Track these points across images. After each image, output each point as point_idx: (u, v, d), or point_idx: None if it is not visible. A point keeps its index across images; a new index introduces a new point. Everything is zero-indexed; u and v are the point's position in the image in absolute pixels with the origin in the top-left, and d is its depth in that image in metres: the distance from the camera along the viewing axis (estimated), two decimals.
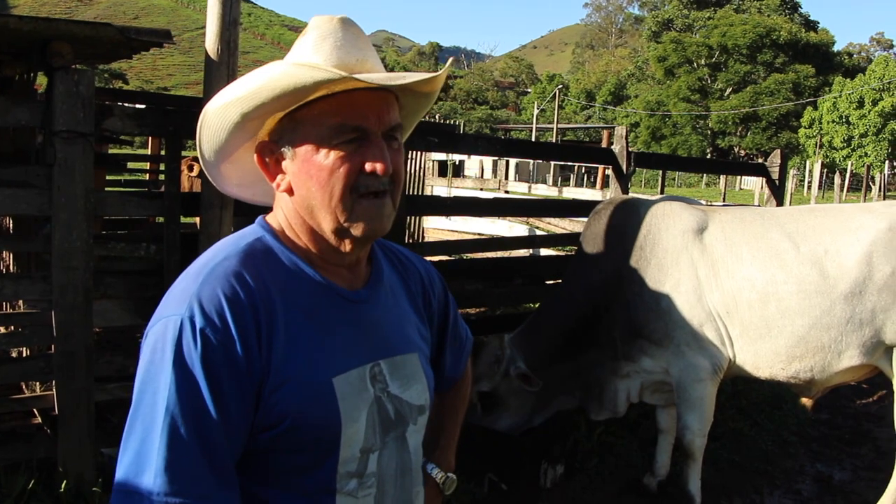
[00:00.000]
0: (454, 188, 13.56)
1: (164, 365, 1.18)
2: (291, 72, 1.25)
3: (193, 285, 1.25)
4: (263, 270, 1.30)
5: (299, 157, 1.32)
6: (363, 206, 1.32)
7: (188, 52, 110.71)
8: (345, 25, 1.34)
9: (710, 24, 64.90)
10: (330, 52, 1.31)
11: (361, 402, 1.34)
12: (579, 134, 66.60)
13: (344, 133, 1.29)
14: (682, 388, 3.95)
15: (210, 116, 1.36)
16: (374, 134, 1.31)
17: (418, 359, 1.50)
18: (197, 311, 1.20)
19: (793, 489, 4.66)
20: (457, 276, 5.34)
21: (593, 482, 4.47)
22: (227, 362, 1.20)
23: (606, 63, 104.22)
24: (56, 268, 3.44)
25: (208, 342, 1.19)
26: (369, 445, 1.35)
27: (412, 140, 5.07)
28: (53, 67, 3.37)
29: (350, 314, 1.38)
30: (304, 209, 1.35)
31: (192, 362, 1.18)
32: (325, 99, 1.30)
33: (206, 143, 1.40)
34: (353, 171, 1.30)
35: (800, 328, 3.72)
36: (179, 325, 1.20)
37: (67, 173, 3.40)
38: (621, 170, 5.86)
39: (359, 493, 1.34)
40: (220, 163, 1.43)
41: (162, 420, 1.16)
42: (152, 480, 1.15)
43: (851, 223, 3.83)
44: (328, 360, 1.31)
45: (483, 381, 4.20)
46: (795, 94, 57.82)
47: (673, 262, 3.94)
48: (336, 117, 1.29)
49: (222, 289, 1.23)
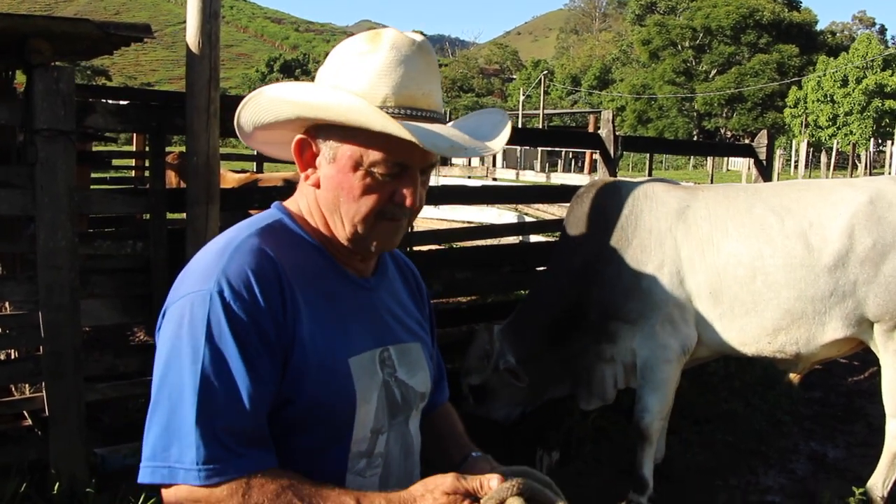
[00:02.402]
0: (442, 177, 13.52)
1: (194, 339, 1.22)
2: (366, 111, 1.27)
3: (219, 262, 1.28)
4: (283, 249, 1.35)
5: (337, 165, 1.35)
6: (383, 226, 1.38)
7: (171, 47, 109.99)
8: (422, 53, 1.34)
9: (694, 6, 64.85)
10: (400, 80, 1.31)
11: (373, 384, 1.40)
12: (566, 119, 66.61)
13: (387, 165, 1.33)
14: (648, 369, 3.94)
15: (265, 103, 1.39)
16: (412, 170, 1.36)
17: (421, 349, 1.56)
18: (225, 285, 1.25)
19: (787, 468, 4.68)
20: (447, 265, 5.32)
21: (589, 468, 4.48)
22: (258, 333, 1.25)
23: (591, 48, 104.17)
24: (41, 268, 3.40)
25: (238, 315, 1.24)
26: (379, 426, 1.41)
27: None
28: (32, 65, 3.31)
29: (362, 299, 1.45)
30: (326, 208, 1.40)
31: (222, 334, 1.22)
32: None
33: (247, 117, 1.43)
34: (384, 200, 1.35)
35: (785, 300, 3.74)
36: (209, 298, 1.24)
37: (50, 172, 3.36)
38: (609, 154, 5.85)
39: (367, 473, 1.40)
40: (254, 131, 1.47)
41: (194, 392, 1.20)
42: (188, 452, 1.19)
43: (834, 196, 3.85)
44: (345, 340, 1.37)
45: (473, 375, 4.19)
46: (780, 74, 57.96)
47: (656, 242, 3.93)
48: (386, 152, 1.32)
49: (248, 265, 1.28)
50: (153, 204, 3.75)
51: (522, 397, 4.27)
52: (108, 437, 3.78)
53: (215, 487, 1.20)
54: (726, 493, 4.29)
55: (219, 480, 1.20)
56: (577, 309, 4.09)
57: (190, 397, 1.20)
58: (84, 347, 3.55)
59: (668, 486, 4.28)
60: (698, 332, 3.91)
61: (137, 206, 3.93)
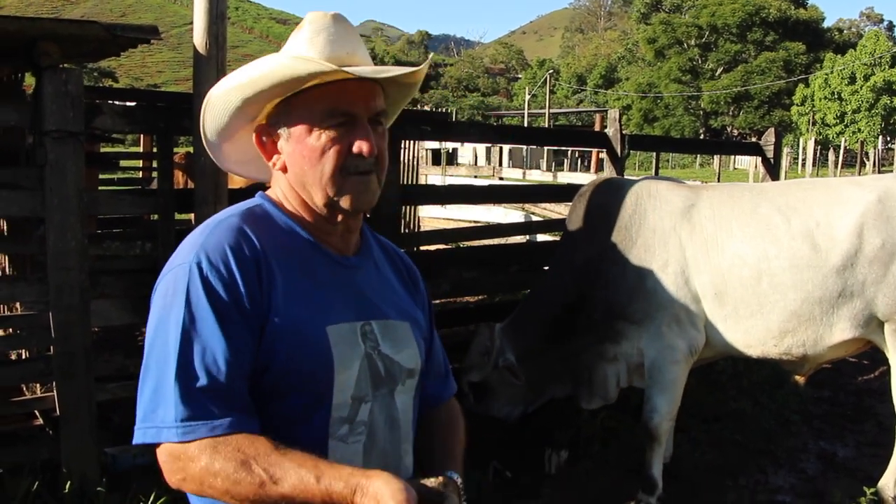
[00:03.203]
0: (448, 176, 13.52)
1: (175, 307, 1.33)
2: (289, 64, 1.41)
3: (199, 238, 1.41)
4: (263, 228, 1.46)
5: (293, 139, 1.47)
6: (351, 182, 1.46)
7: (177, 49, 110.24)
8: (337, 21, 1.49)
9: (699, 4, 64.63)
10: (323, 45, 1.45)
11: (353, 353, 1.46)
12: (571, 118, 66.50)
13: (334, 117, 1.44)
14: (656, 370, 3.92)
15: (214, 100, 1.52)
16: (361, 119, 1.46)
17: (410, 328, 1.61)
18: (203, 257, 1.36)
19: (797, 467, 4.66)
20: (454, 265, 5.32)
21: (597, 468, 4.47)
22: (233, 302, 1.35)
23: (596, 46, 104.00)
24: (52, 269, 3.42)
25: (214, 283, 1.34)
26: (361, 394, 1.46)
27: (406, 129, 5.05)
28: (41, 67, 3.33)
29: (341, 276, 1.52)
30: (297, 185, 1.50)
31: (199, 301, 1.33)
32: (318, 88, 1.44)
33: (209, 125, 1.56)
34: (342, 152, 1.45)
35: (792, 302, 3.71)
36: (188, 270, 1.36)
37: (59, 174, 3.38)
38: (616, 153, 5.84)
39: (349, 439, 1.45)
40: (222, 143, 1.59)
41: (175, 355, 1.30)
42: (170, 411, 1.28)
43: (841, 196, 3.82)
44: (322, 310, 1.44)
45: (474, 372, 4.20)
46: (787, 72, 57.74)
47: (661, 242, 3.91)
48: (327, 103, 1.44)
49: (226, 240, 1.39)
50: (162, 205, 3.77)
51: (522, 396, 4.27)
52: (119, 437, 3.78)
53: (189, 444, 1.28)
54: (735, 493, 4.28)
55: (192, 438, 1.28)
56: (579, 308, 4.08)
57: (172, 362, 1.30)
58: (94, 348, 3.56)
59: (677, 486, 4.27)
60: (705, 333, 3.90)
61: (146, 207, 3.95)
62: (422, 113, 13.75)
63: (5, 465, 3.45)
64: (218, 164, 1.64)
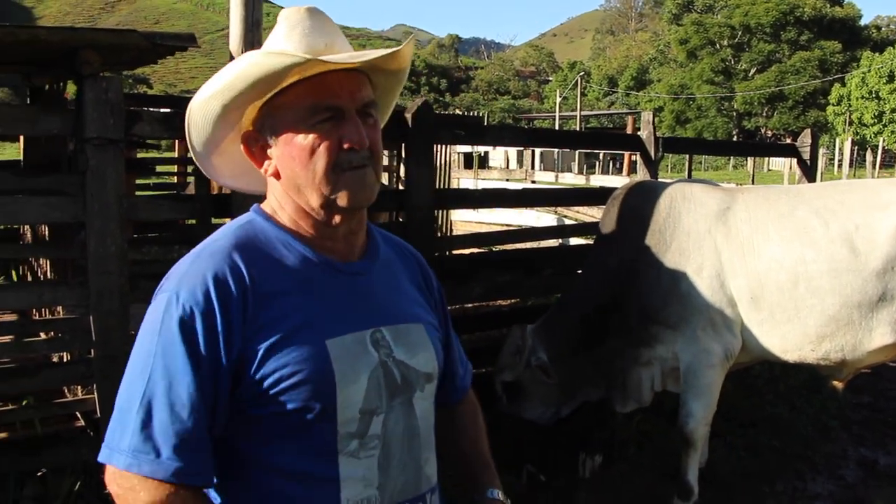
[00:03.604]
0: (480, 179, 13.51)
1: (151, 337, 1.31)
2: (262, 61, 1.36)
3: (184, 266, 1.37)
4: (253, 248, 1.40)
5: (281, 142, 1.41)
6: (346, 178, 1.40)
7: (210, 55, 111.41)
8: (312, 14, 1.44)
9: (732, 4, 64.03)
10: (299, 39, 1.40)
11: (361, 365, 1.40)
12: (603, 121, 66.16)
13: (319, 113, 1.38)
14: (692, 374, 3.89)
15: (194, 112, 1.46)
16: (348, 111, 1.40)
17: (425, 329, 1.55)
18: (183, 289, 1.32)
19: (836, 474, 4.60)
20: (488, 268, 5.32)
21: (632, 471, 4.45)
22: (207, 335, 1.30)
23: (627, 48, 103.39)
24: (92, 273, 3.48)
25: (190, 317, 1.30)
26: (372, 407, 1.40)
27: (440, 133, 5.07)
28: (83, 76, 3.40)
29: (345, 284, 1.46)
30: (291, 189, 1.43)
31: (172, 337, 1.29)
32: (300, 84, 1.39)
33: (194, 138, 1.50)
34: (332, 149, 1.38)
35: (830, 307, 3.65)
36: (166, 301, 1.32)
37: (99, 180, 3.44)
38: (650, 156, 5.81)
39: (361, 454, 1.39)
40: (211, 155, 1.53)
41: (143, 386, 1.28)
42: (128, 439, 1.27)
43: (881, 198, 3.76)
44: (320, 324, 1.38)
45: (506, 371, 4.19)
46: (822, 72, 56.98)
47: (695, 245, 3.88)
48: (311, 99, 1.38)
49: (210, 271, 1.33)
50: (198, 210, 3.82)
51: (555, 397, 4.25)
52: None
53: (132, 475, 1.27)
54: (773, 499, 4.24)
55: (135, 470, 1.27)
56: (613, 311, 4.07)
57: (140, 391, 1.28)
58: None
59: (713, 491, 4.23)
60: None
61: (183, 212, 4.00)
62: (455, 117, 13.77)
63: (48, 466, 3.53)
64: (212, 179, 1.60)
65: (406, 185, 4.56)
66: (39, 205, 3.49)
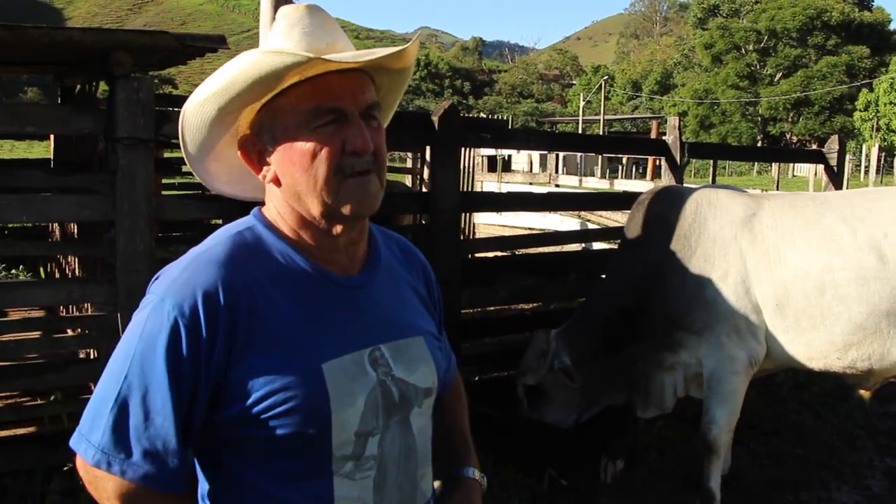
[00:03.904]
0: (504, 183, 13.50)
1: (132, 340, 1.27)
2: (261, 59, 1.28)
3: (175, 272, 1.31)
4: (250, 259, 1.34)
5: (281, 146, 1.34)
6: (349, 185, 1.33)
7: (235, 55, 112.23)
8: (311, 12, 1.36)
9: (758, 8, 63.48)
10: (299, 38, 1.33)
11: (358, 387, 1.34)
12: (626, 125, 65.84)
13: (321, 116, 1.31)
14: (716, 380, 3.87)
15: (189, 115, 1.39)
16: (351, 114, 1.33)
17: (424, 342, 1.49)
18: (170, 297, 1.26)
19: (862, 484, 4.55)
20: (511, 272, 5.32)
21: (654, 477, 4.43)
22: (190, 346, 1.25)
23: (652, 52, 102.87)
24: (120, 271, 3.53)
25: (174, 326, 1.25)
26: (368, 429, 1.35)
27: (466, 137, 5.08)
28: (114, 76, 3.45)
29: (344, 300, 1.39)
30: (291, 197, 1.36)
31: (155, 341, 1.25)
32: (300, 85, 1.31)
33: (189, 141, 1.42)
34: (335, 153, 1.31)
35: (857, 315, 3.62)
36: (152, 307, 1.28)
37: (129, 179, 3.49)
38: (675, 161, 5.79)
39: (356, 476, 1.35)
40: (205, 159, 1.45)
41: (119, 387, 1.25)
42: (98, 436, 1.25)
43: None
44: (317, 346, 1.33)
45: (529, 375, 4.20)
46: (849, 77, 56.30)
47: (721, 252, 3.86)
48: (311, 101, 1.31)
49: (201, 277, 1.28)
50: (225, 209, 3.86)
51: (577, 402, 4.25)
52: None
53: (101, 471, 1.26)
54: None
55: (104, 468, 1.26)
56: (636, 316, 4.06)
57: (115, 392, 1.25)
58: None
59: (737, 499, 4.21)
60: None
61: (210, 212, 4.03)
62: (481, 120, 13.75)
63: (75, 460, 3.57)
64: (207, 185, 1.51)
65: (431, 187, 4.58)
66: (70, 203, 3.55)
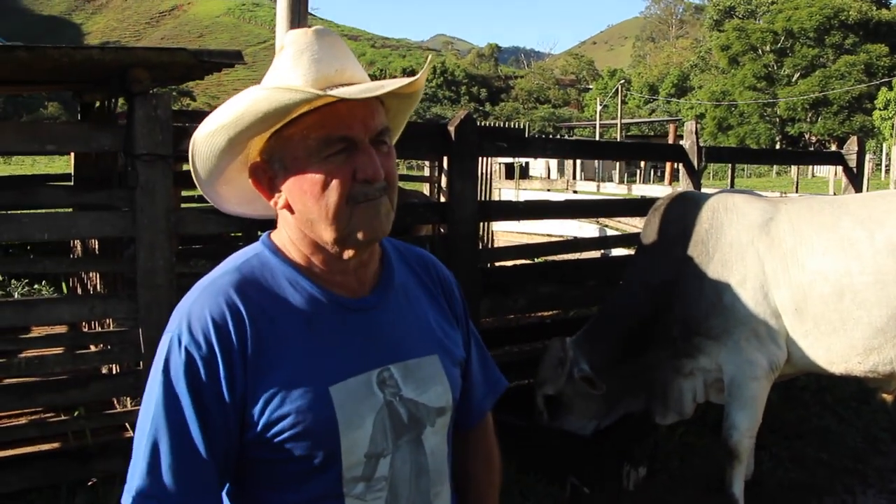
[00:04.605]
0: (522, 190, 13.50)
1: (156, 379, 1.28)
2: (271, 96, 1.28)
3: (187, 304, 1.33)
4: (257, 287, 1.35)
5: (292, 174, 1.34)
6: (360, 211, 1.33)
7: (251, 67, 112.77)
8: (320, 37, 1.35)
9: (774, 9, 63.15)
10: (308, 66, 1.32)
11: (365, 409, 1.35)
12: (644, 128, 65.66)
13: (331, 145, 1.31)
14: (736, 386, 3.85)
15: (199, 144, 1.39)
16: (361, 142, 1.32)
17: (439, 360, 1.47)
18: (185, 329, 1.28)
19: (888, 489, 4.50)
20: (531, 280, 5.32)
21: (676, 484, 4.41)
22: (209, 378, 1.27)
23: (668, 55, 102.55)
24: (141, 287, 3.56)
25: (191, 360, 1.27)
26: (378, 450, 1.36)
27: (483, 146, 5.08)
28: (133, 93, 3.49)
29: (353, 323, 1.39)
30: (303, 224, 1.36)
31: (176, 378, 1.27)
32: (309, 114, 1.31)
33: (199, 168, 1.43)
34: (345, 182, 1.31)
35: (877, 319, 3.59)
36: (169, 342, 1.29)
37: (149, 195, 3.53)
38: (693, 165, 5.77)
39: (367, 497, 1.36)
40: (215, 183, 1.46)
41: (148, 429, 1.27)
42: (136, 482, 1.26)
43: None
44: (325, 369, 1.33)
45: (547, 385, 4.17)
46: (868, 76, 55.78)
47: (738, 257, 3.85)
48: (321, 130, 1.31)
49: (210, 308, 1.30)
50: (245, 223, 3.89)
51: (595, 410, 4.23)
52: None
53: None
54: None
55: None
56: (654, 322, 4.04)
57: (146, 434, 1.27)
58: None
59: None
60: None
61: (230, 226, 4.07)
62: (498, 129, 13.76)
63: (99, 475, 3.61)
64: (218, 207, 1.52)
65: (449, 197, 4.58)
66: (91, 220, 3.60)
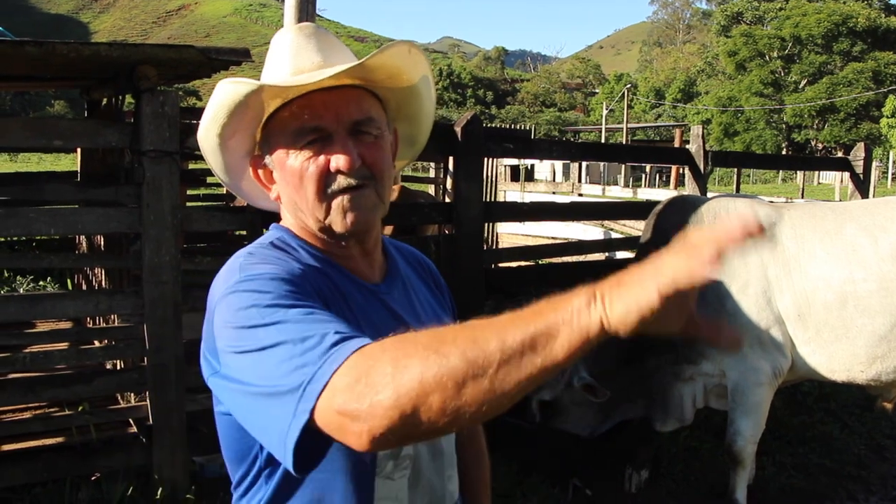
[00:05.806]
0: (527, 192, 13.49)
1: (250, 308, 1.17)
2: (227, 89, 1.32)
3: (236, 268, 1.26)
4: (293, 257, 1.34)
5: (276, 166, 1.38)
6: (337, 202, 1.33)
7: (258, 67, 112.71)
8: (302, 32, 1.40)
9: (782, 15, 63.02)
10: (289, 62, 1.37)
11: None
12: (649, 133, 65.64)
13: (304, 135, 1.32)
14: (739, 392, 3.83)
15: (201, 142, 1.43)
16: (334, 132, 1.33)
17: None
18: (250, 272, 1.22)
19: (891, 496, 4.48)
20: (535, 282, 5.32)
21: (679, 487, 4.40)
22: (304, 293, 1.21)
23: (675, 60, 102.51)
24: (147, 283, 3.57)
25: (282, 281, 1.20)
26: None
27: (489, 147, 5.09)
28: (140, 90, 3.50)
29: (374, 304, 1.40)
30: (293, 213, 1.40)
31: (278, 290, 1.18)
32: (287, 106, 1.34)
33: (213, 166, 1.46)
34: (320, 172, 1.32)
35: (881, 327, 3.58)
36: (239, 285, 1.21)
37: (155, 191, 3.54)
38: (699, 169, 5.76)
39: (395, 475, 1.37)
40: (238, 180, 1.48)
41: (296, 322, 1.13)
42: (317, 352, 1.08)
43: None
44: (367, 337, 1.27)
45: (545, 390, 4.15)
46: (875, 83, 55.70)
47: (740, 263, 3.82)
48: (296, 122, 1.33)
49: (267, 264, 1.26)
50: (250, 221, 3.89)
51: (591, 417, 4.21)
52: (206, 446, 3.91)
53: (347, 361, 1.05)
54: None
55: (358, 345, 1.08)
56: None
57: (295, 329, 1.12)
58: (186, 359, 3.69)
59: None
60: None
61: (235, 223, 4.07)
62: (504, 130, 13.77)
63: (103, 471, 3.62)
64: (253, 205, 1.55)
65: (454, 198, 4.59)
66: (97, 215, 3.61)
